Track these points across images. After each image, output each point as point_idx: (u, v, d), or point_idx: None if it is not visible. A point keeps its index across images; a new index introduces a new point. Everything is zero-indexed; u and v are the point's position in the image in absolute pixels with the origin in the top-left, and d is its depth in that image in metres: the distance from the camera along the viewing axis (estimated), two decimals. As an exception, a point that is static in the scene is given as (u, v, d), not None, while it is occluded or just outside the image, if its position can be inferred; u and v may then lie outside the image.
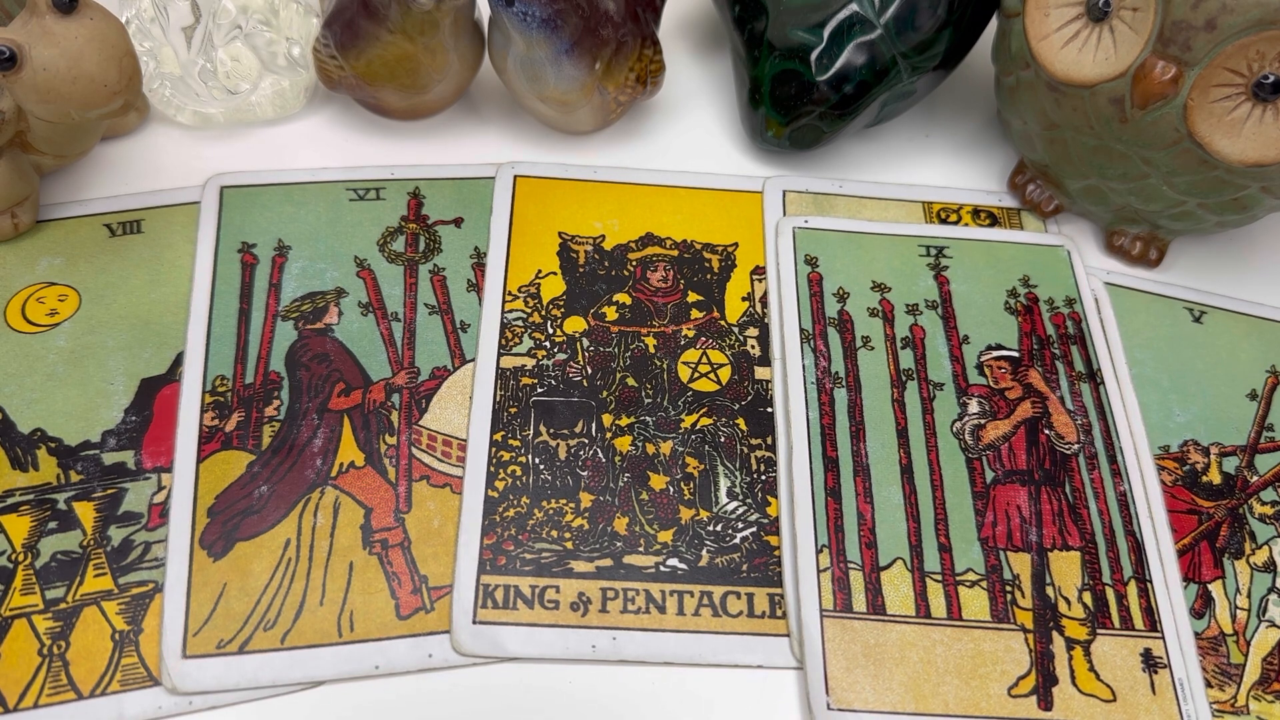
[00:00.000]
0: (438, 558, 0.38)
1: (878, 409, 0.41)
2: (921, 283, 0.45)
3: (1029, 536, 0.39)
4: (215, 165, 0.48)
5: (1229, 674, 0.37)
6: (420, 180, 0.48)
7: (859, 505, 0.39)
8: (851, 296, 0.44)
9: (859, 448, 0.40)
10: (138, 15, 0.46)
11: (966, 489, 0.39)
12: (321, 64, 0.46)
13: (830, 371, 0.42)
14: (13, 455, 0.39)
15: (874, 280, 0.45)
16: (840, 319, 0.43)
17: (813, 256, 0.45)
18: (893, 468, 0.40)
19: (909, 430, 0.41)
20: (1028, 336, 0.44)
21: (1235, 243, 0.49)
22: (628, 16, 0.45)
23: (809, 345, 0.43)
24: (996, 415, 0.41)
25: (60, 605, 0.36)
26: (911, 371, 0.42)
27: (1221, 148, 0.39)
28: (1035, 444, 0.41)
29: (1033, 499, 0.39)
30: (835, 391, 0.41)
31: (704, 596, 0.37)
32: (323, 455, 0.40)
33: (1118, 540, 0.39)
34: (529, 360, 0.43)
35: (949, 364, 0.43)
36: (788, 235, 0.46)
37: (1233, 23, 0.36)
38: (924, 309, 0.44)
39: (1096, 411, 0.42)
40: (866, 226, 0.47)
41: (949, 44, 0.46)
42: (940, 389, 0.42)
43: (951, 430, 0.41)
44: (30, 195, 0.44)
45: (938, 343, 0.43)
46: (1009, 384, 0.42)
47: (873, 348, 0.43)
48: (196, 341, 0.42)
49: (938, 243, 0.46)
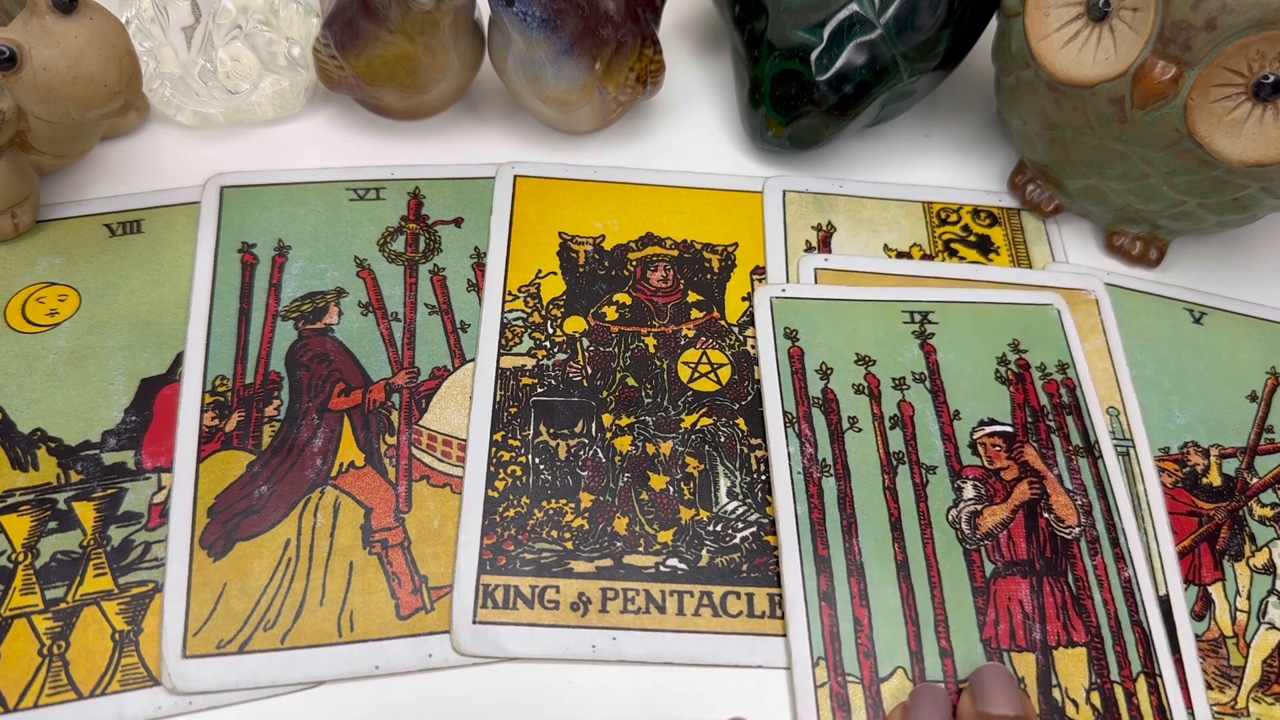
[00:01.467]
0: (438, 558, 0.38)
1: (869, 499, 0.39)
2: (907, 353, 0.42)
3: (1032, 634, 0.36)
4: (215, 165, 0.48)
5: (1229, 676, 0.37)
6: (420, 180, 0.48)
7: (855, 609, 0.36)
8: (835, 372, 0.42)
9: (852, 544, 0.38)
10: (138, 15, 0.46)
11: (966, 584, 0.37)
12: (321, 64, 0.46)
13: (817, 458, 0.39)
14: (13, 455, 0.39)
15: (858, 352, 0.42)
16: (825, 398, 0.41)
17: (792, 329, 0.42)
18: (888, 564, 0.37)
19: (903, 521, 0.38)
20: (1021, 408, 0.41)
21: (1235, 243, 0.49)
22: (628, 16, 0.45)
23: (793, 430, 0.40)
24: (993, 499, 0.39)
25: (60, 605, 0.36)
26: (902, 454, 0.40)
27: (1221, 148, 0.39)
28: (1035, 530, 0.38)
29: (1035, 592, 0.37)
30: (823, 481, 0.39)
31: (704, 596, 0.37)
32: (323, 455, 0.40)
33: (1124, 633, 0.37)
34: (529, 360, 0.43)
35: (941, 444, 0.40)
36: (765, 307, 0.43)
37: (1233, 23, 0.36)
38: (911, 382, 0.42)
39: (1096, 489, 0.40)
40: (847, 293, 0.44)
41: (949, 44, 0.46)
42: (933, 473, 0.39)
43: (947, 518, 0.38)
44: (30, 195, 0.44)
45: (928, 420, 0.41)
46: (1004, 463, 0.40)
47: (860, 429, 0.40)
48: (196, 341, 0.42)
49: (922, 307, 0.44)
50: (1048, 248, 0.48)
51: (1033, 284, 0.46)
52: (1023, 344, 0.43)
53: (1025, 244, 0.48)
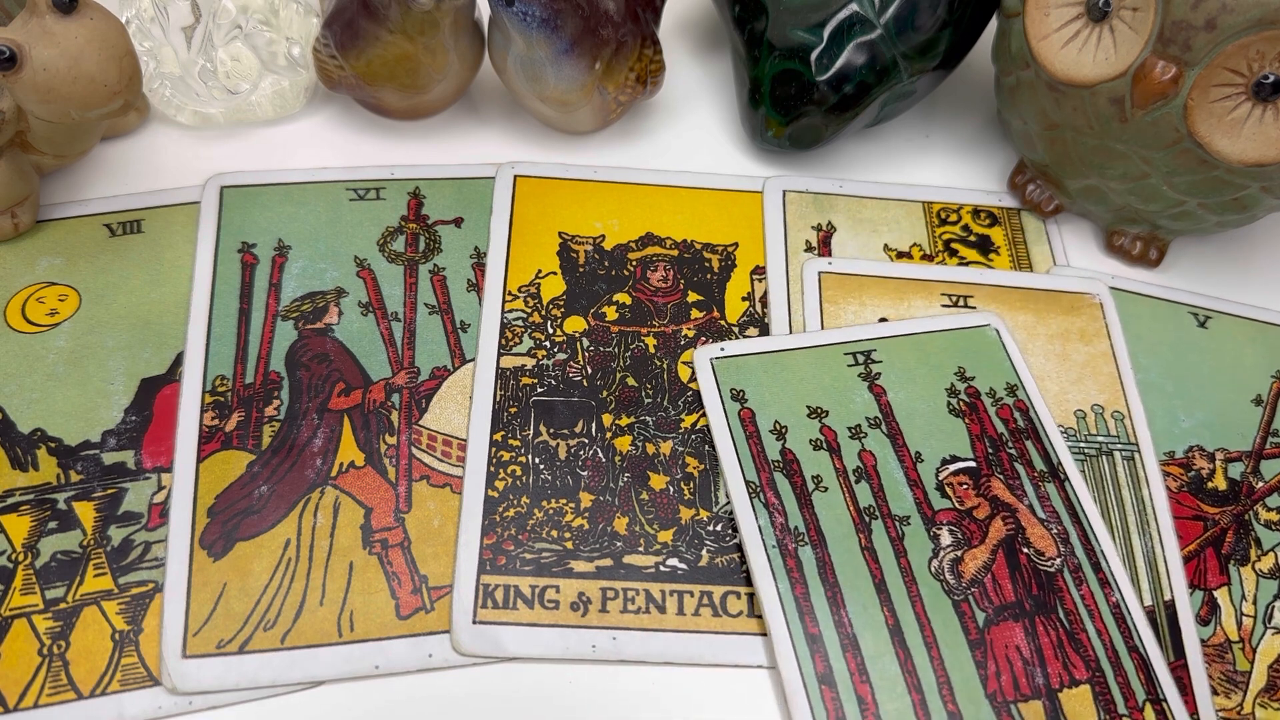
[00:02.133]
0: (438, 557, 0.38)
1: (849, 563, 0.37)
2: (858, 398, 0.41)
3: (1035, 680, 0.35)
4: (215, 165, 0.48)
5: (1235, 681, 0.37)
6: (420, 180, 0.48)
7: (857, 688, 0.35)
8: (790, 430, 0.40)
9: (841, 616, 0.36)
10: (138, 15, 0.46)
11: (961, 639, 0.36)
12: (321, 64, 0.46)
13: (789, 527, 0.38)
14: (13, 455, 0.39)
15: (809, 405, 0.41)
16: (785, 460, 0.39)
17: (738, 390, 0.41)
18: (880, 632, 0.36)
19: (887, 582, 0.37)
20: (979, 440, 0.40)
21: (1236, 244, 0.49)
22: (628, 16, 0.45)
23: (759, 500, 0.38)
24: (971, 542, 0.38)
25: (60, 605, 0.36)
26: (873, 509, 0.38)
27: (1221, 147, 0.39)
28: (1017, 568, 0.38)
29: (1030, 634, 0.36)
30: (800, 551, 0.37)
31: (704, 596, 0.37)
32: (323, 455, 0.40)
33: (1123, 662, 0.36)
34: (529, 360, 0.43)
35: (909, 490, 0.39)
36: (706, 370, 0.41)
37: (1233, 22, 0.36)
38: (868, 429, 0.40)
39: (1069, 514, 0.39)
40: (786, 343, 0.42)
41: (949, 44, 0.46)
42: (907, 524, 0.38)
43: (930, 570, 0.37)
44: (30, 195, 0.44)
45: (891, 467, 0.39)
46: (975, 501, 0.39)
47: (826, 488, 0.39)
48: (196, 341, 0.42)
49: (863, 347, 0.42)
50: (1048, 248, 0.48)
51: (1037, 287, 0.46)
52: (968, 371, 0.42)
53: (1025, 244, 0.48)
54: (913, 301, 0.45)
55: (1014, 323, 0.44)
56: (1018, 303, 0.45)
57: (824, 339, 0.43)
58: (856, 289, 0.45)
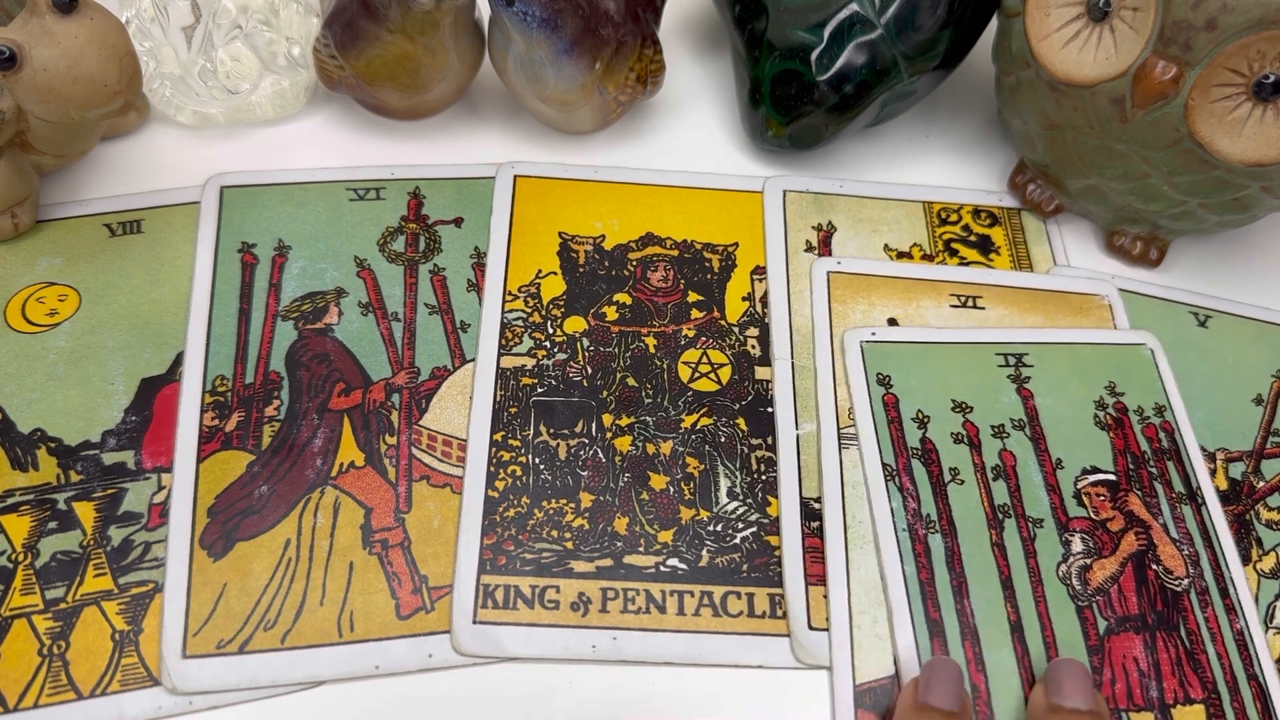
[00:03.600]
0: (438, 558, 0.38)
1: (978, 556, 0.37)
2: (1004, 398, 0.41)
3: (1149, 692, 0.35)
4: (215, 165, 0.48)
5: None
6: (420, 180, 0.48)
7: (971, 675, 0.35)
8: (932, 421, 0.40)
9: (964, 605, 0.36)
10: (138, 15, 0.46)
11: (1081, 644, 0.36)
12: (321, 64, 0.46)
13: (921, 514, 0.38)
14: (13, 455, 0.39)
15: (954, 399, 0.41)
16: (924, 449, 0.40)
17: (884, 375, 0.41)
18: (1001, 625, 0.36)
19: (1014, 579, 0.37)
20: (1122, 455, 0.40)
21: (1237, 244, 0.49)
22: (628, 16, 0.45)
23: (894, 483, 0.39)
24: (1101, 552, 0.38)
25: (60, 605, 0.36)
26: (1007, 507, 0.39)
27: (1222, 147, 0.39)
28: (1144, 582, 0.38)
29: (1149, 648, 0.36)
30: (929, 538, 0.38)
31: (704, 596, 0.37)
32: (323, 455, 0.40)
33: (1240, 688, 0.36)
34: (529, 360, 0.43)
35: (1045, 495, 0.39)
36: (855, 352, 0.42)
37: (1233, 22, 0.36)
38: (1010, 430, 0.41)
39: (1201, 538, 0.39)
40: (939, 336, 0.43)
41: (949, 44, 0.46)
42: (1040, 526, 0.38)
43: (1058, 574, 0.37)
44: (30, 195, 0.44)
45: (1030, 470, 0.40)
46: (1109, 513, 0.39)
47: (962, 481, 0.39)
48: (196, 341, 0.42)
49: (1015, 349, 0.43)
50: (1048, 248, 0.48)
51: (1045, 288, 0.46)
52: (1119, 386, 0.42)
53: (1025, 244, 0.48)
54: (921, 302, 0.45)
55: (1023, 324, 0.44)
56: (1026, 304, 0.45)
57: (977, 336, 0.43)
58: (865, 289, 0.45)
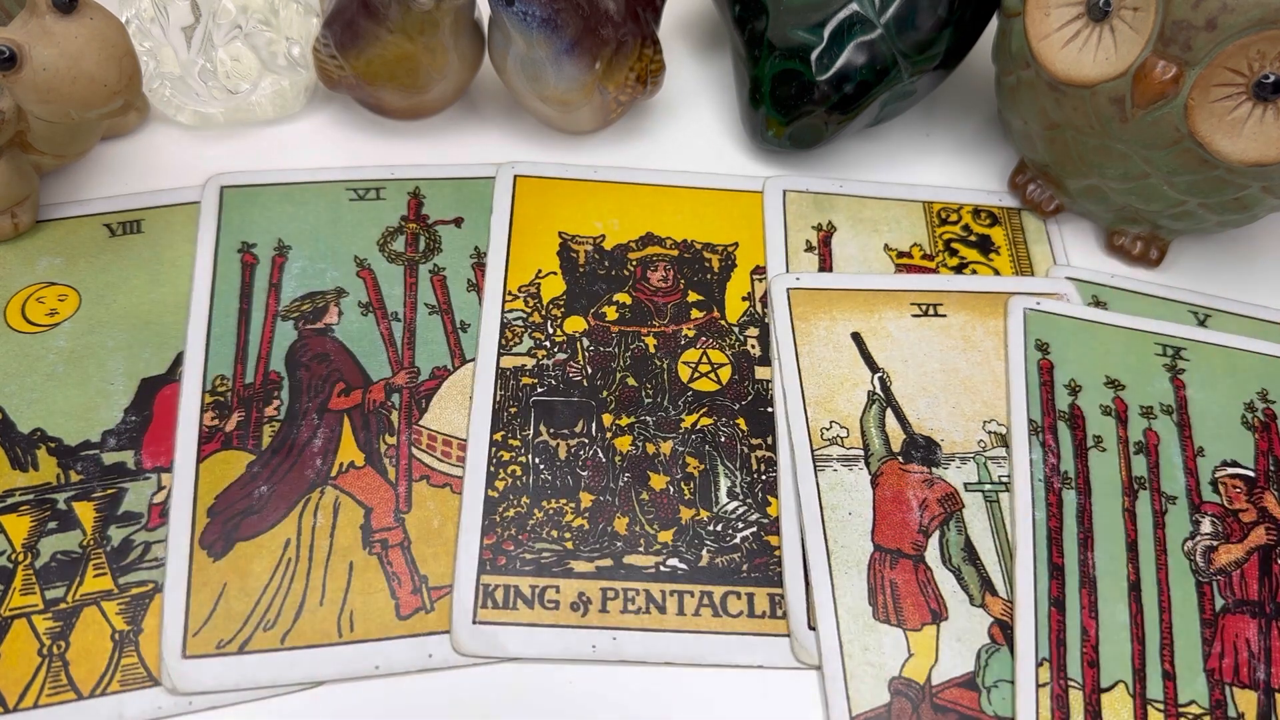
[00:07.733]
0: (438, 558, 0.38)
1: (1107, 517, 0.39)
2: (1157, 384, 0.42)
3: (1256, 673, 0.36)
4: (215, 165, 0.48)
5: None
6: (420, 180, 0.48)
7: (1083, 620, 0.37)
8: (1084, 390, 0.42)
9: (1086, 557, 0.38)
10: (138, 15, 0.46)
11: (1195, 614, 0.37)
12: (321, 64, 0.46)
13: (1059, 470, 0.40)
14: (13, 455, 0.39)
15: (1108, 376, 0.42)
16: (1071, 414, 0.41)
17: (1044, 342, 0.43)
18: (1120, 583, 0.37)
19: (1139, 544, 0.38)
20: (1264, 456, 0.41)
21: (1237, 243, 0.49)
22: (628, 16, 0.45)
23: (1038, 438, 0.40)
24: (1229, 538, 0.39)
25: (60, 605, 0.36)
26: (1144, 480, 0.40)
27: (1222, 147, 0.39)
28: (1269, 574, 0.38)
29: (1262, 633, 0.37)
30: (1064, 492, 0.39)
31: (704, 596, 0.37)
32: (323, 455, 0.40)
33: None
34: (529, 360, 0.43)
35: (1183, 476, 0.40)
36: (1018, 316, 0.43)
37: (1233, 22, 0.36)
38: (1159, 413, 0.42)
39: None
40: (1103, 317, 0.44)
41: (949, 44, 0.46)
42: (1173, 503, 0.39)
43: (1182, 549, 0.38)
44: (30, 195, 0.44)
45: (1172, 452, 0.41)
46: (1243, 505, 0.40)
47: (1104, 449, 0.40)
48: (196, 341, 0.42)
49: (1175, 343, 0.44)
50: (1048, 248, 0.48)
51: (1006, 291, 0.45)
52: (1271, 394, 0.43)
53: (1026, 244, 0.48)
54: (883, 313, 0.44)
55: (985, 329, 0.44)
56: (987, 308, 0.45)
57: (1141, 325, 0.44)
58: (826, 304, 0.44)
